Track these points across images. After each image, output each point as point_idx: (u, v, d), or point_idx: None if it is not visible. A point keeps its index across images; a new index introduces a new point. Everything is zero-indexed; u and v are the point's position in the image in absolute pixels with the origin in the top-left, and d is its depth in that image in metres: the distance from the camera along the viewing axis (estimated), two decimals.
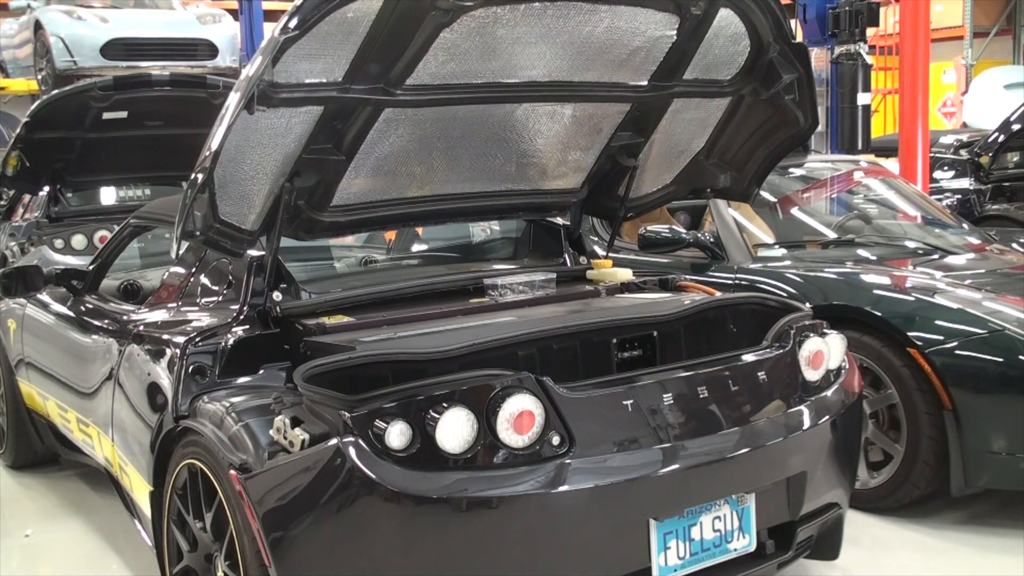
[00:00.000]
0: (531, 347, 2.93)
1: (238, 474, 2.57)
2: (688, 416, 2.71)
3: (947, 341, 3.76)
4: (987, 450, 3.69)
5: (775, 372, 2.92)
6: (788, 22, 3.24)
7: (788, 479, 2.90)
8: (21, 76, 13.77)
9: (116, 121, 6.06)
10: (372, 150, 3.04)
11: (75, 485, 4.72)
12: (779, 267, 4.54)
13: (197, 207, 2.77)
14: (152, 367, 3.23)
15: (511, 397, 2.46)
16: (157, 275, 4.38)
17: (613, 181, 3.72)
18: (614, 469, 2.55)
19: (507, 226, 4.64)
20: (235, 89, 2.59)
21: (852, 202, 5.51)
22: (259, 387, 2.93)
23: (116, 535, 4.05)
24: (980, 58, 19.14)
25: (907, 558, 3.68)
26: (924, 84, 7.38)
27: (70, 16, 10.88)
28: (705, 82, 3.32)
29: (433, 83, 2.87)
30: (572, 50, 2.97)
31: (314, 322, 3.06)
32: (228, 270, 3.32)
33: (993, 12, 20.18)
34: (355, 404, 2.44)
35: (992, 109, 14.29)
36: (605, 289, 3.60)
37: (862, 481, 3.86)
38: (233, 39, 11.53)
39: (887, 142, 9.02)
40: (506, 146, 3.31)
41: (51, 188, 6.64)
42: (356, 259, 4.54)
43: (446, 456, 2.42)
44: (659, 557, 2.65)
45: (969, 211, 7.61)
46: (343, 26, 2.58)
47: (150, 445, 3.11)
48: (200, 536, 2.89)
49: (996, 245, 5.06)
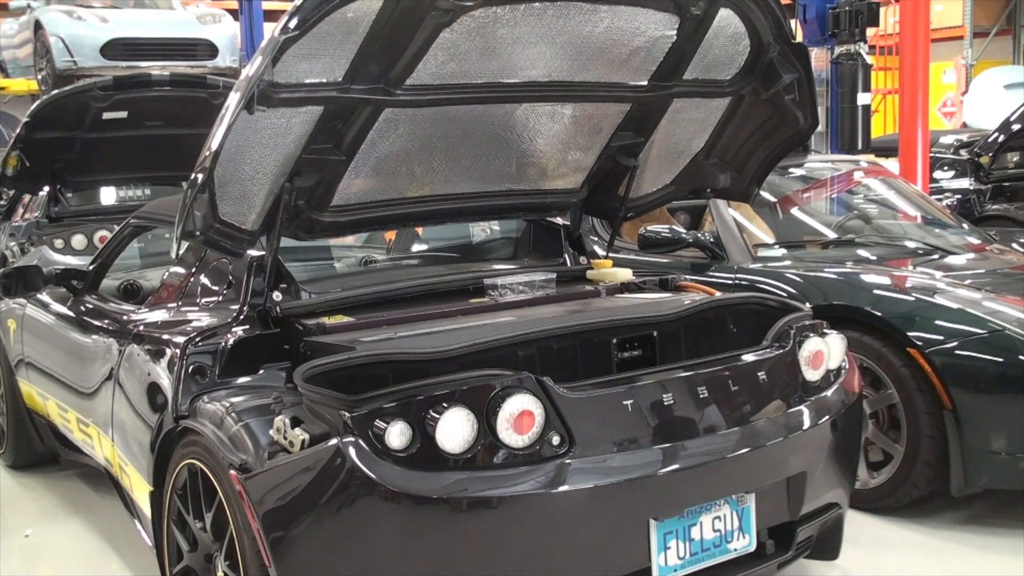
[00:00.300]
0: (531, 347, 2.93)
1: (238, 474, 2.57)
2: (688, 416, 2.71)
3: (947, 341, 3.76)
4: (987, 450, 3.69)
5: (775, 372, 2.92)
6: (788, 22, 3.24)
7: (788, 479, 2.90)
8: (21, 76, 13.77)
9: (116, 121, 6.06)
10: (372, 150, 3.04)
11: (75, 485, 4.71)
12: (779, 267, 4.54)
13: (197, 207, 2.77)
14: (152, 367, 3.23)
15: (511, 397, 2.46)
16: (157, 275, 4.38)
17: (613, 181, 3.72)
18: (614, 469, 2.55)
19: (507, 226, 4.64)
20: (235, 89, 2.59)
21: (852, 202, 5.51)
22: (259, 387, 2.93)
23: (116, 535, 4.05)
24: (980, 58, 19.14)
25: (907, 558, 3.68)
26: (924, 84, 7.39)
27: (70, 16, 10.88)
28: (705, 82, 3.32)
29: (433, 83, 2.87)
30: (572, 50, 2.97)
31: (314, 322, 3.06)
32: (228, 270, 3.32)
33: (993, 12, 20.18)
34: (355, 404, 2.44)
35: (992, 109, 14.29)
36: (605, 289, 3.60)
37: (862, 481, 3.86)
38: (233, 39, 11.53)
39: (887, 142, 9.02)
40: (506, 146, 3.31)
41: (51, 188, 6.64)
42: (356, 259, 4.54)
43: (446, 456, 2.42)
44: (659, 557, 2.65)
45: (969, 211, 7.60)
46: (343, 26, 2.58)
47: (150, 445, 3.11)
48: (200, 536, 2.89)
49: (996, 245, 5.06)
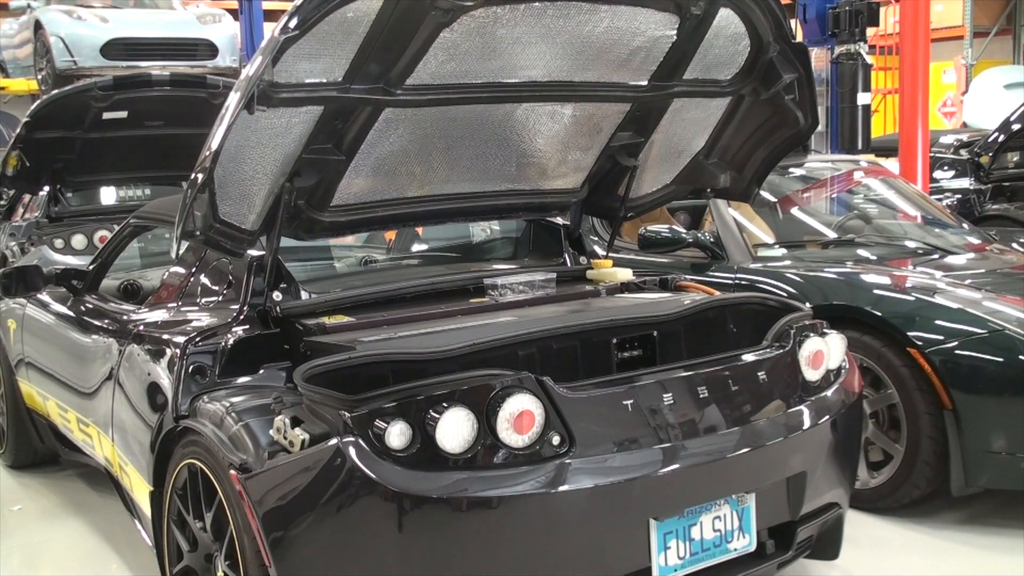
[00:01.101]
0: (531, 347, 2.93)
1: (238, 474, 2.57)
2: (688, 416, 2.71)
3: (947, 341, 3.76)
4: (987, 450, 3.69)
5: (775, 372, 2.92)
6: (788, 22, 3.24)
7: (788, 479, 2.90)
8: (21, 76, 13.78)
9: (116, 121, 6.06)
10: (372, 150, 3.04)
11: (75, 485, 4.71)
12: (779, 267, 4.54)
13: (197, 207, 2.77)
14: (152, 367, 3.23)
15: (511, 397, 2.46)
16: (157, 275, 4.38)
17: (613, 181, 3.72)
18: (614, 469, 2.55)
19: (507, 226, 4.64)
20: (235, 89, 2.59)
21: (852, 202, 5.51)
22: (259, 387, 2.93)
23: (116, 535, 4.05)
24: (980, 58, 19.15)
25: (907, 558, 3.68)
26: (924, 84, 7.39)
27: (70, 16, 10.88)
28: (705, 82, 3.32)
29: (433, 83, 2.87)
30: (572, 50, 2.97)
31: (314, 322, 3.06)
32: (228, 270, 3.32)
33: (993, 12, 20.18)
34: (355, 404, 2.43)
35: (992, 109, 14.29)
36: (605, 289, 3.60)
37: (862, 481, 3.86)
38: (233, 39, 11.53)
39: (887, 142, 9.02)
40: (506, 146, 3.31)
41: (51, 188, 6.64)
42: (356, 259, 4.54)
43: (446, 456, 2.42)
44: (659, 557, 2.65)
45: (969, 211, 7.60)
46: (343, 26, 2.58)
47: (150, 445, 3.11)
48: (200, 536, 2.89)
49: (996, 245, 5.06)
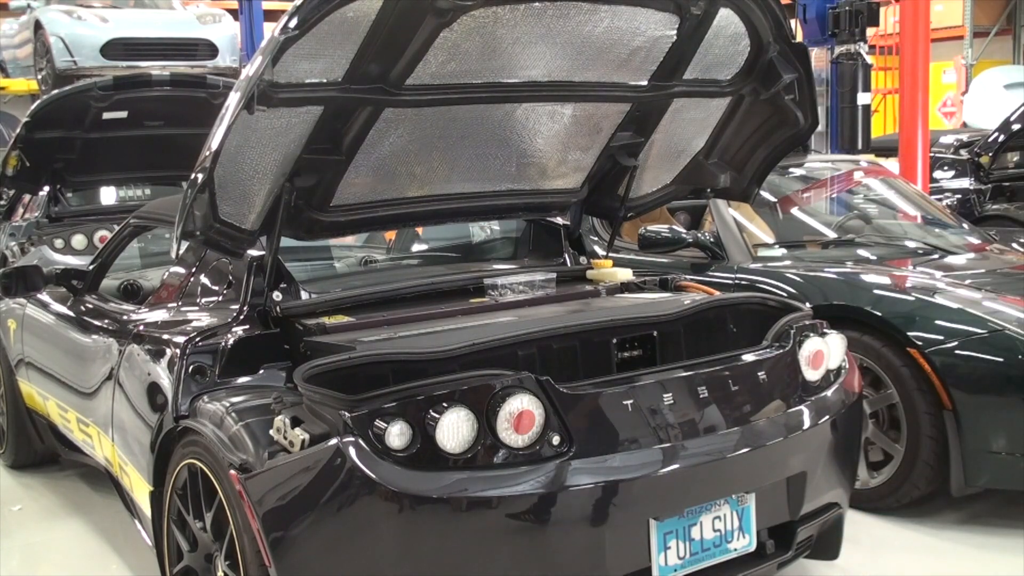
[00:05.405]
0: (531, 347, 2.93)
1: (238, 474, 2.57)
2: (688, 416, 2.71)
3: (947, 341, 3.76)
4: (987, 450, 3.69)
5: (775, 372, 2.92)
6: (788, 22, 3.24)
7: (788, 479, 2.90)
8: (21, 76, 13.78)
9: (116, 121, 6.06)
10: (372, 150, 3.04)
11: (75, 485, 4.71)
12: (779, 267, 4.54)
13: (197, 207, 2.77)
14: (152, 367, 3.23)
15: (511, 397, 2.46)
16: (157, 275, 4.37)
17: (613, 181, 3.72)
18: (614, 469, 2.55)
19: (507, 226, 4.64)
20: (235, 89, 2.59)
21: (852, 202, 5.51)
22: (259, 387, 2.93)
23: (116, 535, 4.05)
24: (980, 58, 19.13)
25: (907, 558, 3.68)
26: (924, 84, 7.39)
27: (70, 16, 10.88)
28: (705, 82, 3.32)
29: (433, 83, 2.87)
30: (572, 50, 2.97)
31: (314, 322, 3.06)
32: (228, 270, 3.32)
33: (993, 12, 20.17)
34: (355, 404, 2.44)
35: (992, 109, 14.27)
36: (605, 289, 3.60)
37: (862, 481, 3.86)
38: (233, 39, 11.52)
39: (887, 142, 9.01)
40: (506, 146, 3.31)
41: (51, 188, 6.64)
42: (356, 259, 4.53)
43: (446, 456, 2.42)
44: (659, 557, 2.65)
45: (969, 211, 7.60)
46: (343, 26, 2.58)
47: (150, 445, 3.11)
48: (200, 536, 2.89)
49: (996, 245, 5.06)
